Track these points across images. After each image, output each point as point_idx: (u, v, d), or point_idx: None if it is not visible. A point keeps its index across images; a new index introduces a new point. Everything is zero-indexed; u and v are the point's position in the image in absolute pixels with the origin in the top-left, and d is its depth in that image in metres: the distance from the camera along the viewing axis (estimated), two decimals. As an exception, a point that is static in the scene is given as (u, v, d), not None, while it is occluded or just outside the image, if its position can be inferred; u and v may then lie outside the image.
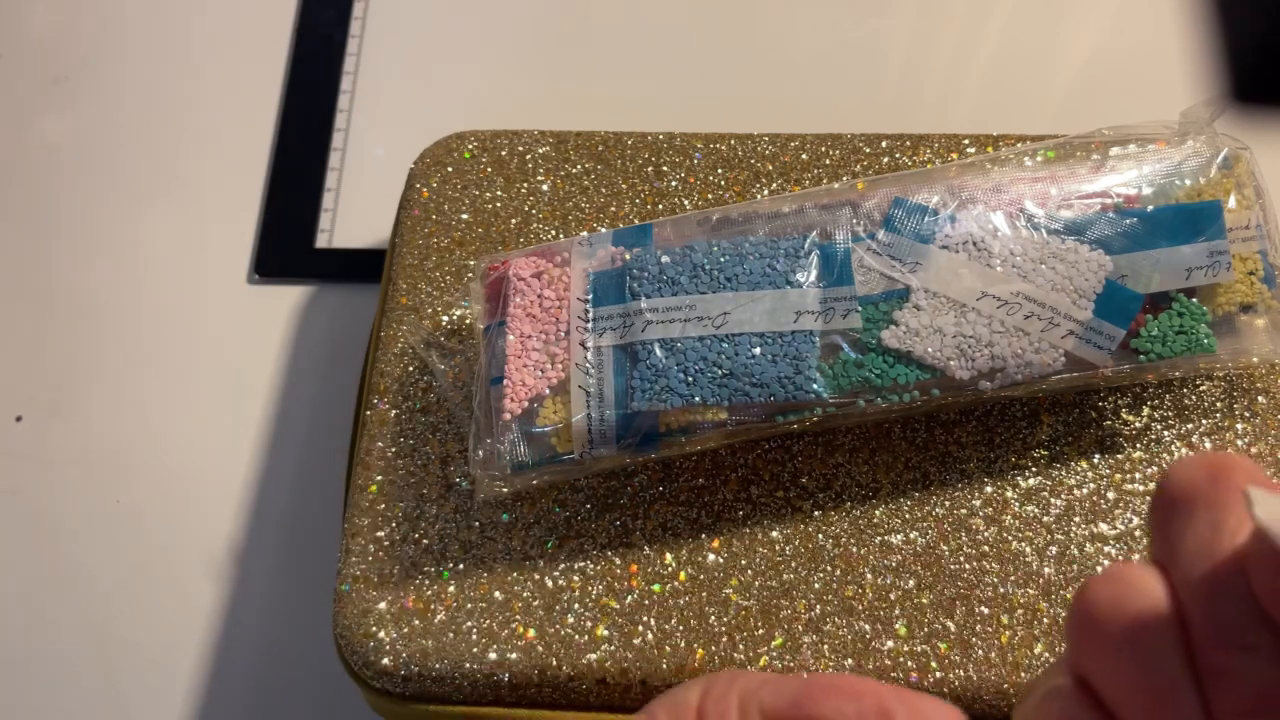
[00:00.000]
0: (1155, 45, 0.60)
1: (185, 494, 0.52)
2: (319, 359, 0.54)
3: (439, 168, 0.48)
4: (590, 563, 0.40)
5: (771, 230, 0.40)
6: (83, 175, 0.60)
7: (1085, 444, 0.41)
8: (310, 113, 0.61)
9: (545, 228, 0.47)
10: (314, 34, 0.63)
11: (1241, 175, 0.39)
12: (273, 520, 0.51)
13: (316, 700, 0.47)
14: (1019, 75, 0.60)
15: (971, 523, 0.40)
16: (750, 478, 0.41)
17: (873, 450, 0.41)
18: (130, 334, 0.56)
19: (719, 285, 0.38)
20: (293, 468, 0.52)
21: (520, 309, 0.40)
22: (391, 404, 0.43)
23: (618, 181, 0.47)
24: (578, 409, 0.38)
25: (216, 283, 0.57)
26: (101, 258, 0.58)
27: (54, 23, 0.65)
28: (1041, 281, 0.38)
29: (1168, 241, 0.38)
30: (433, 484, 0.42)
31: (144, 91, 0.62)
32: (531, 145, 0.48)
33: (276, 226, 0.58)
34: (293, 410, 0.53)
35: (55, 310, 0.57)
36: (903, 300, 0.38)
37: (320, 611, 0.46)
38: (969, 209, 0.39)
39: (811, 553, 0.40)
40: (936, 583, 0.39)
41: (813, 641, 0.38)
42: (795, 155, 0.47)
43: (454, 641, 0.39)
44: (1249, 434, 0.41)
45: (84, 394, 0.54)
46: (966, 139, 0.47)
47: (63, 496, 0.52)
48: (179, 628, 0.49)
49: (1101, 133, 0.41)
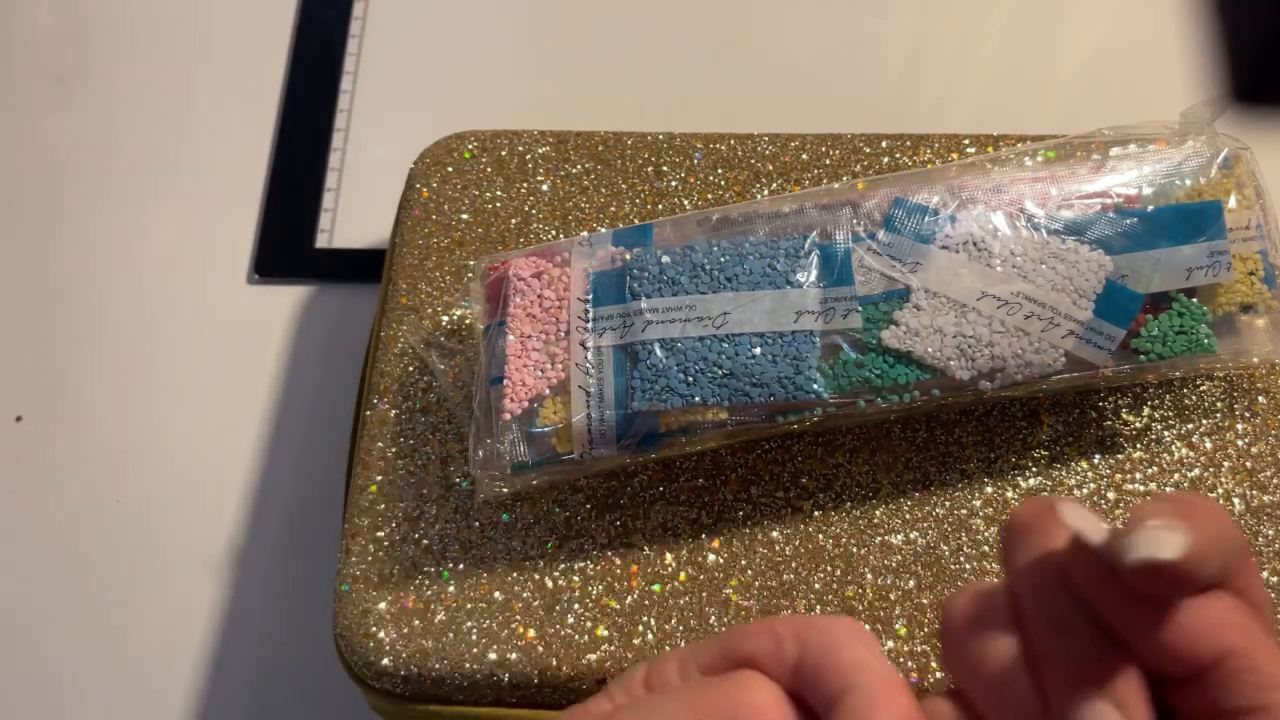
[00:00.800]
0: (1155, 45, 0.60)
1: (185, 494, 0.52)
2: (319, 359, 0.54)
3: (439, 168, 0.48)
4: (590, 563, 0.40)
5: (771, 230, 0.40)
6: (83, 175, 0.60)
7: (1085, 444, 0.41)
8: (310, 113, 0.61)
9: (545, 228, 0.47)
10: (314, 34, 0.63)
11: (1242, 175, 0.39)
12: (273, 520, 0.51)
13: (316, 700, 0.47)
14: (1019, 75, 0.60)
15: (972, 523, 0.40)
16: (750, 478, 0.41)
17: (873, 450, 0.41)
18: (130, 334, 0.56)
19: (719, 285, 0.38)
20: (293, 468, 0.52)
21: (520, 309, 0.40)
22: (391, 404, 0.43)
23: (618, 181, 0.47)
24: (578, 409, 0.38)
25: (216, 283, 0.57)
26: (101, 258, 0.58)
27: (54, 23, 0.65)
28: (1041, 281, 0.38)
29: (1168, 241, 0.38)
30: (433, 484, 0.42)
31: (144, 91, 0.62)
32: (531, 145, 0.48)
33: (276, 226, 0.58)
34: (293, 410, 0.53)
35: (55, 310, 0.57)
36: (903, 300, 0.38)
37: (320, 611, 0.46)
38: (969, 209, 0.39)
39: (811, 553, 0.40)
40: (936, 583, 0.39)
41: (813, 641, 0.38)
42: (795, 155, 0.47)
43: (454, 642, 0.39)
44: (1249, 434, 0.41)
45: (84, 394, 0.54)
46: (966, 139, 0.47)
47: (63, 496, 0.52)
48: (179, 628, 0.49)
49: (1101, 133, 0.41)
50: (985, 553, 0.40)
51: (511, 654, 0.38)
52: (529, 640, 0.39)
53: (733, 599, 0.39)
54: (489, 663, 0.38)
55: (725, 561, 0.40)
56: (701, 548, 0.40)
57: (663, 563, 0.40)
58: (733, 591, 0.39)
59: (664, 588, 0.39)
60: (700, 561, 0.40)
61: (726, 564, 0.40)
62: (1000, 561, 0.25)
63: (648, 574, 0.40)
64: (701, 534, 0.40)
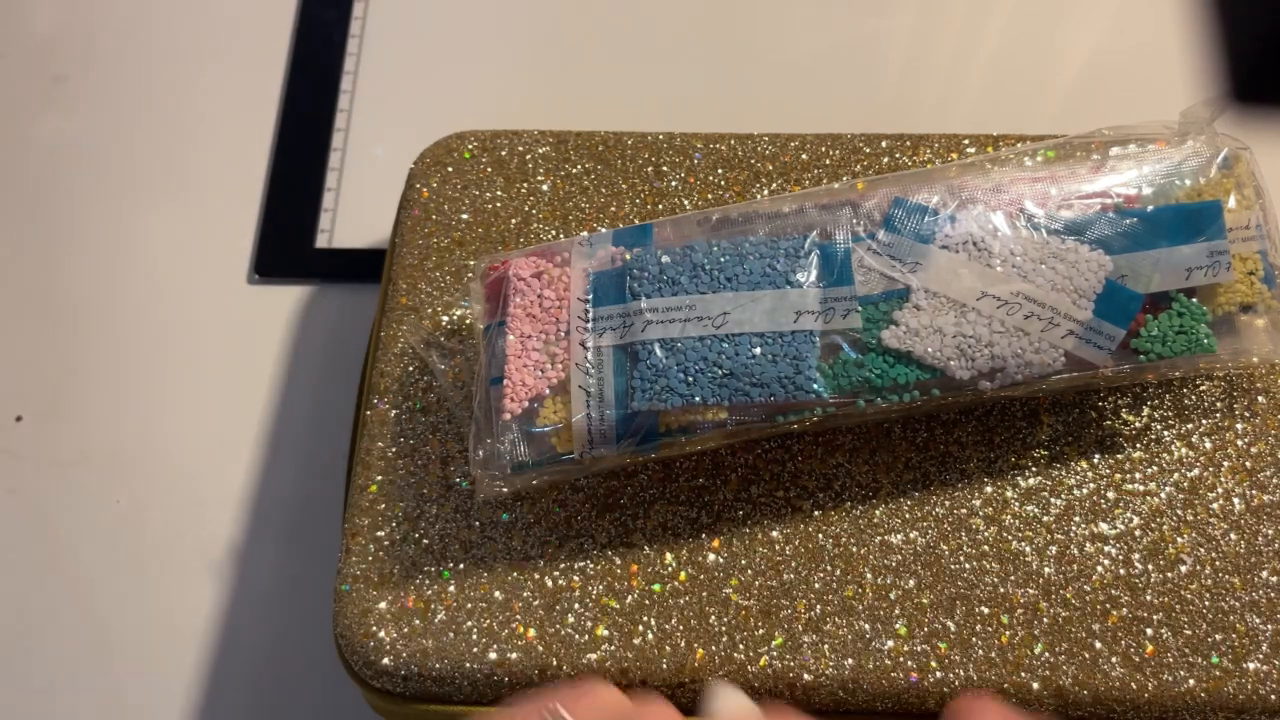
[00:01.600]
0: (1155, 45, 0.60)
1: (185, 494, 0.52)
2: (319, 359, 0.54)
3: (439, 168, 0.48)
4: (590, 563, 0.40)
5: (771, 230, 0.40)
6: (83, 175, 0.60)
7: (1085, 444, 0.41)
8: (310, 113, 0.61)
9: (545, 228, 0.47)
10: (314, 34, 0.63)
11: (1241, 175, 0.39)
12: (273, 520, 0.51)
13: (316, 700, 0.47)
14: (1019, 75, 0.60)
15: (971, 522, 0.40)
16: (750, 478, 0.41)
17: (873, 450, 0.41)
18: (130, 334, 0.56)
19: (719, 285, 0.38)
20: (293, 468, 0.52)
21: (520, 309, 0.40)
22: (391, 404, 0.43)
23: (618, 181, 0.47)
24: (578, 409, 0.38)
25: (216, 283, 0.57)
26: (101, 258, 0.58)
27: (54, 23, 0.65)
28: (1041, 281, 0.38)
29: (1168, 241, 0.38)
30: (433, 484, 0.42)
31: (144, 91, 0.63)
32: (531, 145, 0.48)
33: (276, 226, 0.58)
34: (293, 410, 0.53)
35: (55, 310, 0.57)
36: (903, 300, 0.38)
37: (320, 611, 0.46)
38: (969, 209, 0.39)
39: (811, 553, 0.40)
40: (936, 583, 0.39)
41: (813, 641, 0.38)
42: (795, 155, 0.47)
43: (454, 641, 0.39)
44: (1249, 434, 0.41)
45: (84, 394, 0.54)
46: (966, 139, 0.47)
47: (63, 496, 0.52)
48: (179, 628, 0.49)
49: (1101, 133, 0.41)
50: (985, 552, 0.40)
51: (512, 654, 0.38)
52: (529, 640, 0.39)
53: (733, 599, 0.39)
54: (489, 662, 0.38)
55: (725, 561, 0.40)
56: (701, 548, 0.40)
57: (663, 563, 0.40)
58: (733, 591, 0.39)
59: (664, 588, 0.39)
60: (700, 561, 0.40)
61: (726, 564, 0.40)
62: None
63: (648, 574, 0.40)
64: (701, 534, 0.40)
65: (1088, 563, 0.39)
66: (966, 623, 0.38)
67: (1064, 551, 0.39)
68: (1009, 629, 0.38)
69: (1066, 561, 0.39)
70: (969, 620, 0.38)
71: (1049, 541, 0.40)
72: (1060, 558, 0.39)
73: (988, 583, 0.39)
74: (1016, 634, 0.38)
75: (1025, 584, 0.39)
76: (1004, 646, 0.38)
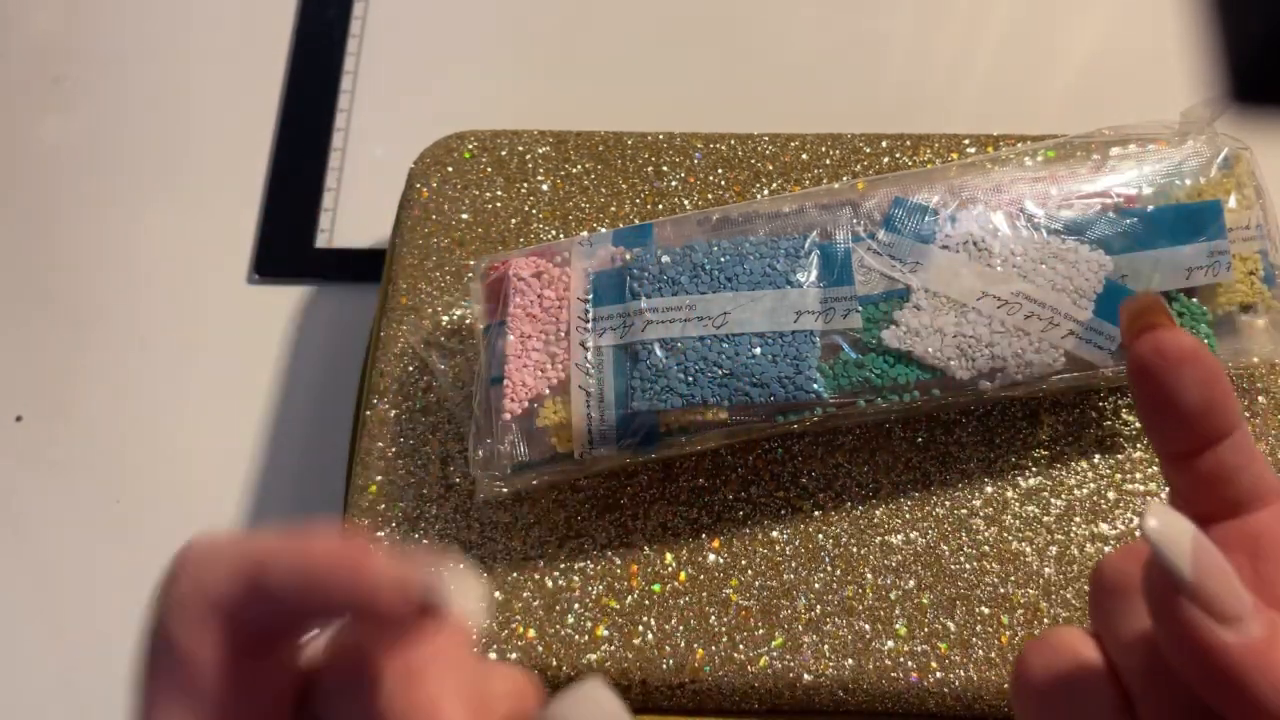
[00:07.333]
0: (1155, 45, 0.60)
1: (185, 494, 0.52)
2: (319, 359, 0.54)
3: (439, 168, 0.48)
4: (590, 563, 0.40)
5: (772, 230, 0.40)
6: (83, 175, 0.60)
7: (1085, 444, 0.41)
8: (310, 113, 0.61)
9: (545, 228, 0.47)
10: (314, 34, 0.63)
11: (1241, 175, 0.39)
12: (273, 520, 0.51)
13: (316, 700, 0.47)
14: (1019, 75, 0.60)
15: (972, 523, 0.40)
16: (750, 478, 0.41)
17: (873, 450, 0.41)
18: (130, 334, 0.56)
19: (719, 285, 0.38)
20: (293, 468, 0.52)
21: (520, 309, 0.40)
22: (391, 404, 0.43)
23: (618, 181, 0.47)
24: (578, 409, 0.38)
25: (216, 283, 0.57)
26: (101, 257, 0.58)
27: (54, 23, 0.65)
28: (1041, 281, 0.38)
29: (1168, 241, 0.38)
30: (433, 484, 0.42)
31: (144, 91, 0.62)
32: (531, 145, 0.48)
33: (276, 226, 0.58)
34: (293, 410, 0.53)
35: (55, 310, 0.56)
36: (903, 300, 0.38)
37: (320, 611, 0.46)
38: (969, 209, 0.39)
39: (811, 553, 0.40)
40: (936, 583, 0.39)
41: (813, 641, 0.38)
42: (795, 155, 0.47)
43: (454, 641, 0.39)
44: (1249, 434, 0.41)
45: (84, 394, 0.54)
46: (966, 139, 0.47)
47: (63, 496, 0.52)
48: (179, 628, 0.49)
49: (1101, 133, 0.41)
50: (985, 553, 0.40)
51: (511, 654, 0.38)
52: (529, 640, 0.39)
53: (733, 599, 0.39)
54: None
55: (725, 561, 0.40)
56: (701, 548, 0.40)
57: (663, 563, 0.40)
58: (733, 591, 0.39)
59: (664, 588, 0.39)
60: (700, 561, 0.40)
61: (726, 564, 0.40)
62: (1090, 613, 0.24)
63: (648, 574, 0.40)
64: (701, 534, 0.40)
65: (1088, 563, 0.39)
66: (967, 623, 0.38)
67: (1064, 552, 0.39)
68: (1009, 629, 0.38)
69: (1067, 562, 0.39)
70: (969, 620, 0.38)
71: (1049, 542, 0.40)
72: (1060, 558, 0.39)
73: (988, 583, 0.39)
74: (1016, 634, 0.38)
75: (1026, 584, 0.39)
76: (1004, 646, 0.38)
